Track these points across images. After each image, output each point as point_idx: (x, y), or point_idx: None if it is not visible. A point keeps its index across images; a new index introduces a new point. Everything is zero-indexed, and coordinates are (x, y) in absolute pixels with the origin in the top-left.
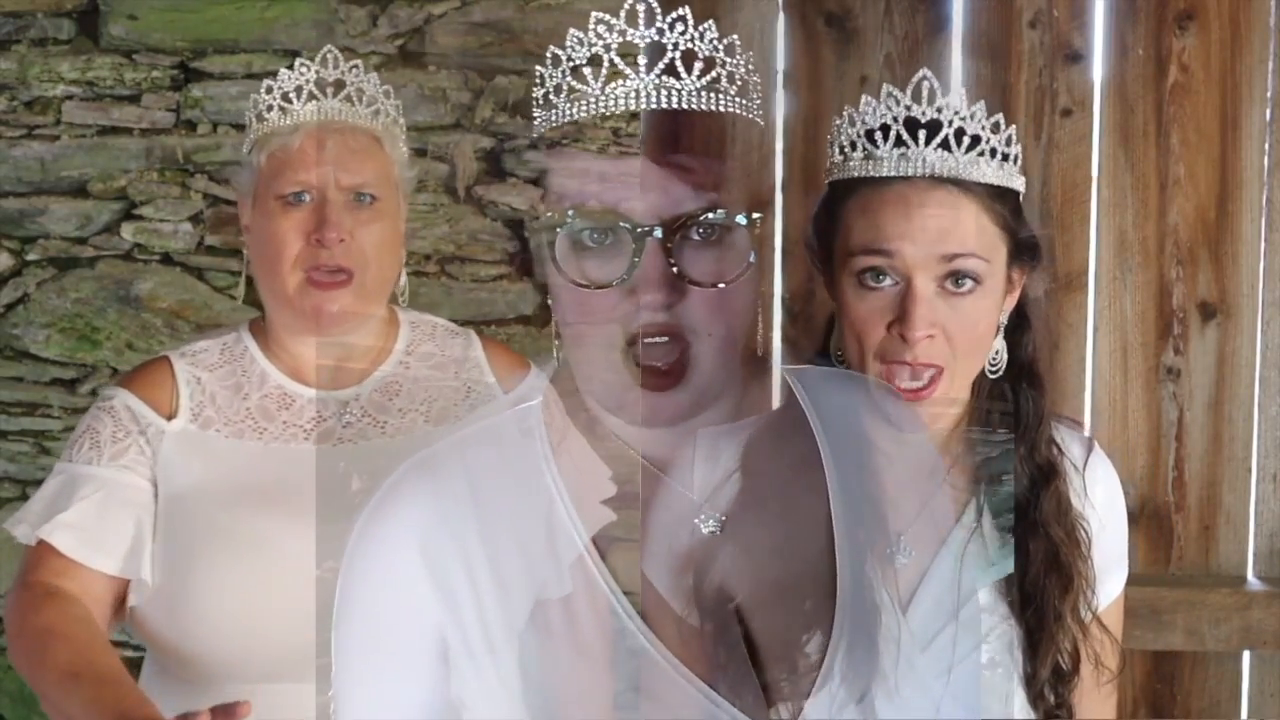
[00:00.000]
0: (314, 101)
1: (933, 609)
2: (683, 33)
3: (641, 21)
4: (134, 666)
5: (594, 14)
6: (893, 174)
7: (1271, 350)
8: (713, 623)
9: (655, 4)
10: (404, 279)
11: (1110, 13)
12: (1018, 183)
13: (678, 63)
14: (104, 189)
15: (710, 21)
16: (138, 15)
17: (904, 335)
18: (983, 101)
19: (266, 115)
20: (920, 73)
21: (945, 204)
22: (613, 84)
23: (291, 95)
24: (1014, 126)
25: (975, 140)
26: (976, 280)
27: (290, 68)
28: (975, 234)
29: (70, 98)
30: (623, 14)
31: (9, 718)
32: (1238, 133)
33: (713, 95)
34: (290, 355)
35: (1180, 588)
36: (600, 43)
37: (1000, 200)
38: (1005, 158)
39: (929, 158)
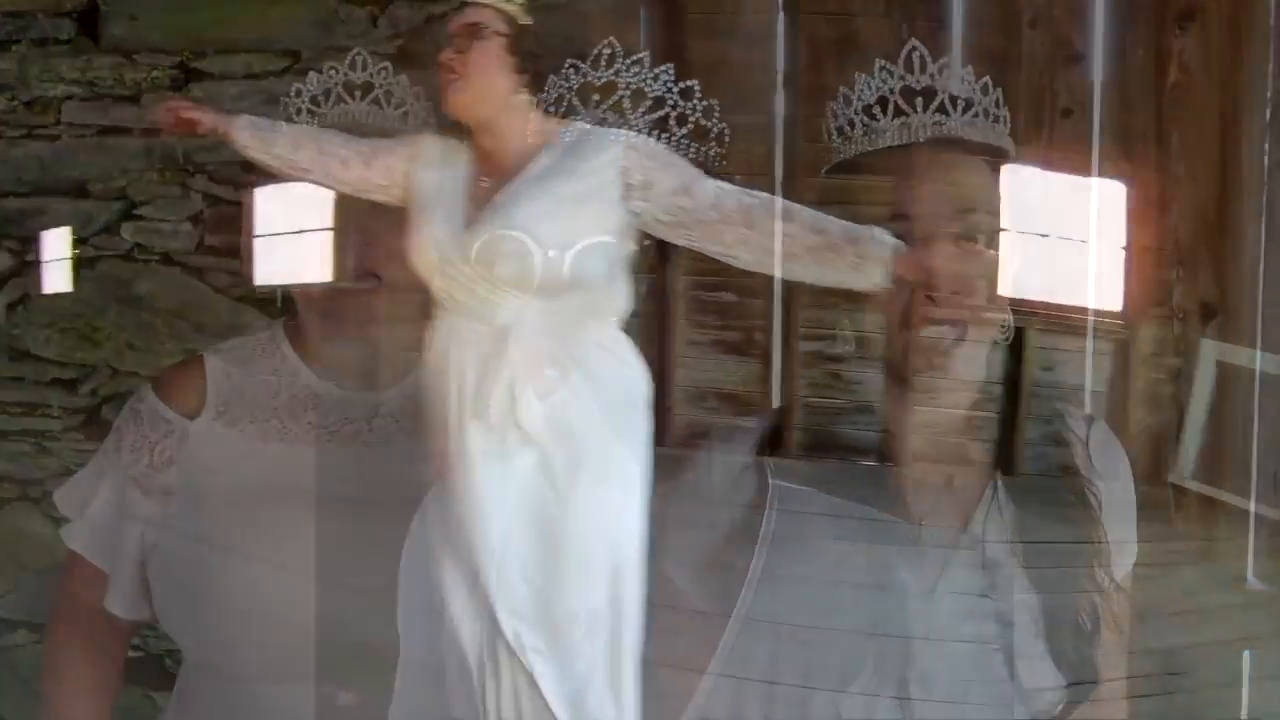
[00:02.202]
0: (341, 104)
1: (959, 591)
2: (637, 74)
3: (603, 63)
4: (140, 666)
5: (568, 60)
6: (896, 142)
7: (1271, 350)
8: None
9: (618, 47)
10: None
11: (1110, 13)
12: (1008, 144)
13: (625, 100)
14: (104, 189)
15: (669, 65)
16: (138, 15)
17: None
18: (970, 66)
19: (296, 119)
20: (910, 43)
21: (951, 164)
22: (568, 118)
23: (320, 98)
24: (1000, 90)
25: (969, 103)
26: (988, 237)
27: (292, 70)
28: (982, 190)
29: (70, 98)
30: (590, 58)
31: (9, 718)
32: (1238, 133)
33: (656, 134)
34: (323, 355)
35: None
36: (564, 85)
37: (998, 160)
38: (996, 119)
39: (928, 122)
